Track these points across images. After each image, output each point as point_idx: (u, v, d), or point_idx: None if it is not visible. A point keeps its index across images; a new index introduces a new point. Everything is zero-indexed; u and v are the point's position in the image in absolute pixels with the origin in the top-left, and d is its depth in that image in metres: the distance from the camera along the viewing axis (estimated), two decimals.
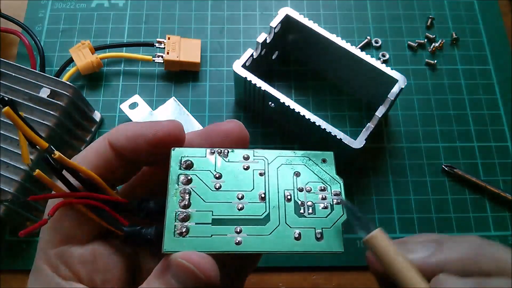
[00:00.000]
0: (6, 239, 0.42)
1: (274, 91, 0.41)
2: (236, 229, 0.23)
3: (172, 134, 0.25)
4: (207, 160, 0.25)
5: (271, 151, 0.25)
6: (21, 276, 0.41)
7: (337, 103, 0.48)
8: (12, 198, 0.38)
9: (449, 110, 0.48)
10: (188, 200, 0.23)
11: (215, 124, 0.26)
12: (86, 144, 0.45)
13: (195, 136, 0.26)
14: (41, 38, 0.50)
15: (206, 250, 0.22)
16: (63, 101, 0.41)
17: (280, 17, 0.43)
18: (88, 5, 0.53)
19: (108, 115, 0.47)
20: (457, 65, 0.50)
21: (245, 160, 0.25)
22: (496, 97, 0.49)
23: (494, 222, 0.43)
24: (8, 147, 0.39)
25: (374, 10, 0.53)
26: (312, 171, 0.25)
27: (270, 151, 0.25)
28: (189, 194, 0.23)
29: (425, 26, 0.53)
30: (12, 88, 0.41)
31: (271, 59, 0.49)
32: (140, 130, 0.24)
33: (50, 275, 0.23)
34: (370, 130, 0.40)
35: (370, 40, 0.51)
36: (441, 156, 0.46)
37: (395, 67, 0.42)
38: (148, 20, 0.52)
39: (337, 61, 0.45)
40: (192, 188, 0.24)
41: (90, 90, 0.48)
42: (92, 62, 0.47)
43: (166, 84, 0.49)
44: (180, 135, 0.25)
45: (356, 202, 0.44)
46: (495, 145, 0.47)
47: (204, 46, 0.51)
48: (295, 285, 0.41)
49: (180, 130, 0.25)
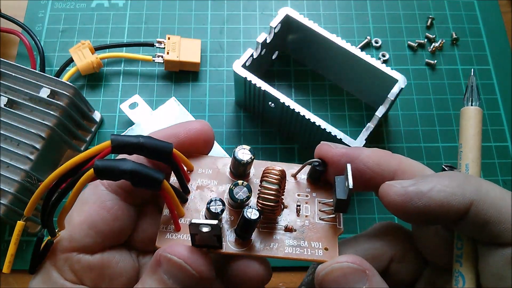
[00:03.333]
0: (6, 239, 0.42)
1: (274, 91, 0.41)
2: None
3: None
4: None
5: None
6: (21, 276, 0.41)
7: (337, 103, 0.48)
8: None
9: (449, 110, 0.48)
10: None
11: (182, 124, 0.26)
12: (86, 144, 0.45)
13: (162, 136, 0.25)
14: (41, 38, 0.50)
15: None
16: (63, 101, 0.41)
17: (280, 17, 0.43)
18: (88, 5, 0.53)
19: (108, 115, 0.47)
20: (457, 65, 0.50)
21: None
22: (496, 97, 0.49)
23: None
24: (8, 147, 0.39)
25: (374, 10, 0.53)
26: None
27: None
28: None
29: (425, 26, 0.53)
30: (12, 88, 0.41)
31: (271, 59, 0.49)
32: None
33: (55, 276, 0.23)
34: (370, 130, 0.40)
35: (370, 40, 0.51)
36: (441, 156, 0.46)
37: (395, 67, 0.42)
38: (148, 20, 0.52)
39: (337, 61, 0.45)
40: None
41: (90, 90, 0.48)
42: (92, 62, 0.47)
43: (166, 84, 0.49)
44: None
45: (356, 202, 0.44)
46: (495, 145, 0.47)
47: (204, 46, 0.51)
48: (295, 285, 0.41)
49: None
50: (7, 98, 0.41)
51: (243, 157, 0.24)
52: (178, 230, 0.23)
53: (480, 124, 0.25)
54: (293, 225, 0.24)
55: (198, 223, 0.21)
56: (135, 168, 0.21)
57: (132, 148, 0.22)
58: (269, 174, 0.23)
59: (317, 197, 0.25)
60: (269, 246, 0.23)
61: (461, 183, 0.22)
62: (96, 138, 0.46)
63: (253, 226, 0.23)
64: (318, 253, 0.23)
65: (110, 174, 0.21)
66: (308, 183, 0.26)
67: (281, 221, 0.24)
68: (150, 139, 0.22)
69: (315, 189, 0.26)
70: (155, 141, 0.22)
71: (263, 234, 0.24)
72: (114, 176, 0.21)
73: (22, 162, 0.39)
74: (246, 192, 0.23)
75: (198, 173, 0.25)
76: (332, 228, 0.24)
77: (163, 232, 0.23)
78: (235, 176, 0.26)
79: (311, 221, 0.25)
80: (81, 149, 0.45)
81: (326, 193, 0.26)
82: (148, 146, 0.22)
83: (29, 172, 0.39)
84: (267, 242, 0.24)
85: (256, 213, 0.22)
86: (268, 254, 0.23)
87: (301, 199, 0.25)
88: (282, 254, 0.23)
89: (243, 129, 0.47)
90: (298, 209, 0.25)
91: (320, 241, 0.24)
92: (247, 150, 0.24)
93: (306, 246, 0.24)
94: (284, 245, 0.24)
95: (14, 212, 0.39)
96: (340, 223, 0.25)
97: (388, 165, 0.23)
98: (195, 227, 0.21)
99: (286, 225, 0.24)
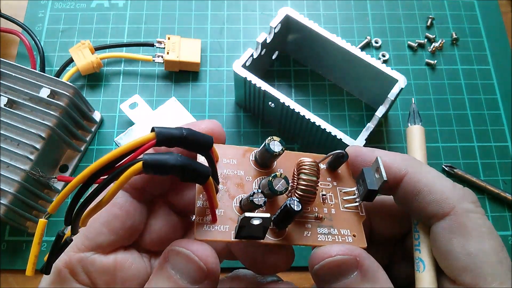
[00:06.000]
0: (6, 239, 0.42)
1: (274, 91, 0.41)
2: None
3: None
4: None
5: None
6: (21, 276, 0.41)
7: (337, 103, 0.48)
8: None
9: (449, 110, 0.48)
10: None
11: (194, 123, 0.26)
12: (86, 144, 0.45)
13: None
14: (41, 38, 0.50)
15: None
16: (63, 101, 0.41)
17: (280, 17, 0.43)
18: (88, 5, 0.53)
19: (108, 115, 0.47)
20: (457, 65, 0.50)
21: None
22: (496, 97, 0.49)
23: (494, 222, 0.43)
24: (8, 147, 0.39)
25: (374, 10, 0.53)
26: None
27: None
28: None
29: (425, 26, 0.53)
30: (12, 88, 0.41)
31: (271, 59, 0.49)
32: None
33: (68, 278, 0.23)
34: (370, 130, 0.40)
35: (370, 40, 0.51)
36: (441, 156, 0.46)
37: (395, 67, 0.42)
38: (148, 20, 0.52)
39: (337, 61, 0.45)
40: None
41: (90, 90, 0.48)
42: (92, 62, 0.47)
43: (166, 84, 0.49)
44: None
45: None
46: (495, 145, 0.46)
47: (204, 46, 0.51)
48: (295, 285, 0.41)
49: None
50: (7, 98, 0.41)
51: (275, 149, 0.24)
52: (215, 221, 0.23)
53: (423, 138, 0.31)
54: (321, 214, 0.25)
55: (251, 217, 0.21)
56: (184, 163, 0.21)
57: (176, 141, 0.21)
58: (307, 166, 0.24)
59: (338, 186, 0.26)
60: (303, 235, 0.24)
61: (404, 157, 0.25)
62: (96, 138, 0.46)
63: (293, 217, 0.23)
64: (348, 240, 0.25)
65: (159, 169, 0.21)
66: (327, 172, 0.27)
67: (310, 210, 0.25)
68: (191, 131, 0.22)
69: (334, 177, 0.27)
70: (197, 134, 0.22)
71: (295, 224, 0.25)
72: (163, 171, 0.21)
73: (22, 162, 0.39)
74: (284, 184, 0.24)
75: (223, 163, 0.26)
76: (356, 215, 0.26)
77: (200, 224, 0.23)
78: (260, 166, 0.26)
79: (336, 210, 0.26)
80: (81, 149, 0.45)
81: (345, 181, 0.27)
82: (191, 139, 0.22)
83: (33, 167, 0.39)
84: (301, 231, 0.24)
85: (299, 205, 0.23)
86: (304, 243, 0.24)
87: (324, 187, 0.26)
88: (316, 242, 0.24)
89: (243, 129, 0.47)
90: (324, 198, 0.26)
91: (348, 229, 0.25)
92: (278, 142, 0.24)
93: (336, 233, 0.25)
94: (316, 233, 0.25)
95: (14, 212, 0.39)
96: (363, 210, 0.26)
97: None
98: (246, 220, 0.22)
99: (316, 214, 0.25)
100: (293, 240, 0.24)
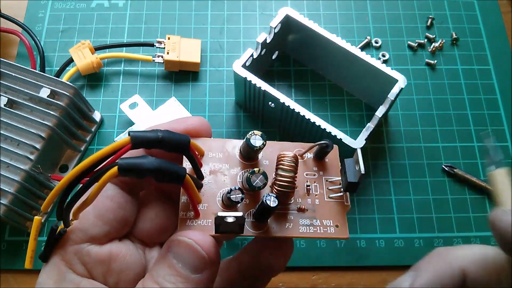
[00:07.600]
0: (6, 239, 0.42)
1: (274, 91, 0.41)
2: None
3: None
4: None
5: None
6: (21, 276, 0.41)
7: (337, 103, 0.48)
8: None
9: (449, 110, 0.48)
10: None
11: (179, 120, 0.26)
12: (86, 144, 0.45)
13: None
14: (41, 38, 0.50)
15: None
16: (63, 101, 0.41)
17: (280, 17, 0.43)
18: (88, 5, 0.53)
19: (108, 115, 0.47)
20: (457, 65, 0.50)
21: None
22: (496, 97, 0.49)
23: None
24: (8, 147, 0.39)
25: (374, 10, 0.53)
26: None
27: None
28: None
29: (425, 26, 0.53)
30: (12, 88, 0.41)
31: (271, 59, 0.49)
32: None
33: (64, 270, 0.23)
34: (370, 130, 0.40)
35: (370, 40, 0.51)
36: (441, 156, 0.46)
37: (395, 67, 0.42)
38: (148, 20, 0.52)
39: (337, 61, 0.45)
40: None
41: (90, 90, 0.48)
42: (92, 62, 0.47)
43: (166, 84, 0.49)
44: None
45: (356, 202, 0.44)
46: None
47: (204, 46, 0.51)
48: (295, 285, 0.41)
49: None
50: (7, 98, 0.41)
51: (256, 144, 0.25)
52: (198, 216, 0.24)
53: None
54: (305, 205, 0.25)
55: (224, 216, 0.22)
56: (159, 166, 0.22)
57: (151, 143, 0.22)
58: (285, 162, 0.25)
59: (324, 176, 0.26)
60: (285, 227, 0.25)
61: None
62: (96, 138, 0.46)
63: (271, 212, 0.24)
64: (330, 230, 0.25)
65: (134, 173, 0.21)
66: (314, 161, 0.27)
67: (293, 201, 0.26)
68: (168, 133, 0.23)
69: (321, 167, 0.27)
70: (173, 135, 0.23)
71: (278, 215, 0.25)
72: (138, 175, 0.22)
73: (22, 162, 0.39)
74: (262, 180, 0.24)
75: (209, 157, 0.26)
76: (340, 205, 0.26)
77: (184, 219, 0.24)
78: (245, 159, 0.26)
79: (320, 200, 0.26)
80: (81, 149, 0.45)
81: (331, 170, 0.27)
82: (167, 141, 0.22)
83: (29, 172, 0.39)
84: (282, 223, 0.25)
85: (275, 201, 0.23)
86: (285, 235, 0.24)
87: (309, 178, 0.26)
88: (297, 234, 0.24)
89: (243, 129, 0.47)
90: (308, 189, 0.26)
91: (331, 219, 0.25)
92: (259, 136, 0.25)
93: (318, 224, 0.25)
94: (298, 224, 0.25)
95: (14, 212, 0.39)
96: (347, 200, 0.26)
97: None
98: (220, 219, 0.22)
99: (299, 206, 0.25)
100: (273, 232, 0.24)
